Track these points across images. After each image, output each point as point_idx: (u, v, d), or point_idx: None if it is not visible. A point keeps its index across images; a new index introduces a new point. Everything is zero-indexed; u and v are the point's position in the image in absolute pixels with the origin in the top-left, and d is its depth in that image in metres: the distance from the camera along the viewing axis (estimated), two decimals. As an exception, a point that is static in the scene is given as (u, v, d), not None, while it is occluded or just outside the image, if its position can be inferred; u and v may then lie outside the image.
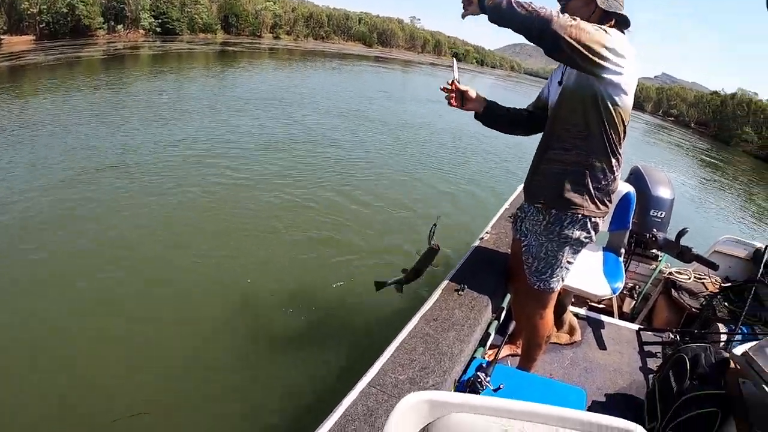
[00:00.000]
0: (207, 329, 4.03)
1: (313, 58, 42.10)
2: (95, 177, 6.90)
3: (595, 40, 1.70)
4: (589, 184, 1.98)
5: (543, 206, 2.08)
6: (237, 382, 3.53)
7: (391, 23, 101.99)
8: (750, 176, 27.28)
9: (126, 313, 4.10)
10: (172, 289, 4.52)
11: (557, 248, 2.10)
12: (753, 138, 48.93)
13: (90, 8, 43.01)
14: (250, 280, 4.76)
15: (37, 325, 3.87)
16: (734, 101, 58.45)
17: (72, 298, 4.25)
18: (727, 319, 3.23)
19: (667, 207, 3.51)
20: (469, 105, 2.22)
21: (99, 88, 14.28)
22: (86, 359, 3.58)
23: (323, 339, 4.04)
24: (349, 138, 11.59)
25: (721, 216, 13.35)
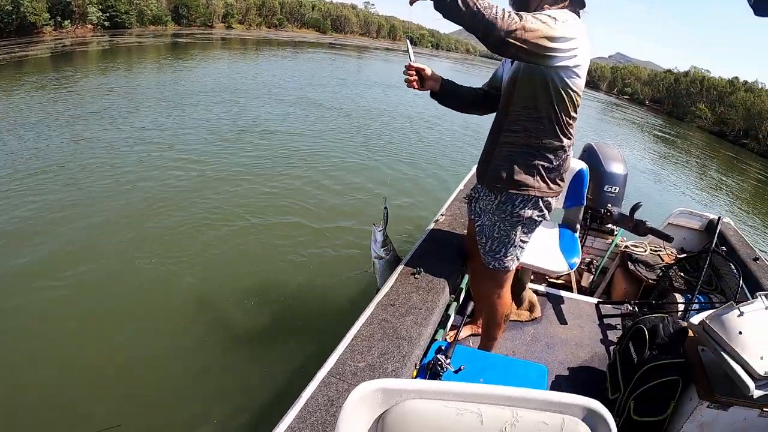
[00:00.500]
0: (160, 326, 3.97)
1: (267, 47, 41.35)
2: (40, 180, 6.64)
3: (541, 36, 1.65)
4: (540, 166, 1.99)
5: (495, 188, 2.08)
6: (194, 379, 3.47)
7: (345, 9, 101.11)
8: (703, 150, 28.15)
9: (72, 319, 3.98)
10: (123, 286, 4.43)
11: (510, 228, 2.10)
12: (706, 114, 49.98)
13: (35, 4, 41.59)
14: (202, 276, 4.69)
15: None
16: (687, 79, 59.51)
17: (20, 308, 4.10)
18: (684, 290, 3.31)
19: (620, 182, 3.56)
20: (427, 84, 2.18)
21: (45, 87, 13.71)
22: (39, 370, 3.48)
23: (280, 331, 4.00)
24: (304, 126, 11.45)
25: (676, 189, 13.73)
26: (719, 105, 49.84)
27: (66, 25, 45.54)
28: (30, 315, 4.00)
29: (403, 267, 2.45)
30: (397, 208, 6.86)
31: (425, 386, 1.08)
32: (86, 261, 4.75)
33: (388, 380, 1.10)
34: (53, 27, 44.06)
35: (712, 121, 48.71)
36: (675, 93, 59.85)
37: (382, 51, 61.36)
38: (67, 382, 3.37)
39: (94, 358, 3.58)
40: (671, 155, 21.56)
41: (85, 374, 3.44)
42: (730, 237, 3.68)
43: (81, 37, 41.40)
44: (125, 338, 3.79)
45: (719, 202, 13.72)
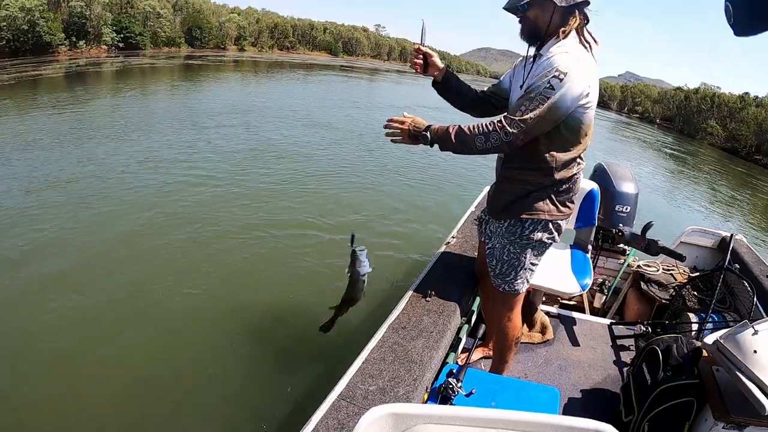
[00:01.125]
0: (169, 342, 3.98)
1: (279, 69, 41.84)
2: (53, 197, 6.72)
3: (546, 121, 1.79)
4: (549, 190, 2.00)
5: (505, 216, 2.10)
6: (202, 399, 3.47)
7: (356, 32, 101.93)
8: (715, 167, 27.98)
9: (85, 335, 3.99)
10: (137, 304, 4.44)
11: (519, 250, 2.10)
12: (718, 131, 49.51)
13: (51, 24, 42.32)
14: (213, 294, 4.69)
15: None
16: (698, 96, 58.97)
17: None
18: (698, 309, 3.26)
19: (631, 202, 3.56)
20: (430, 70, 2.23)
21: (57, 107, 13.92)
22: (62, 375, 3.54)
23: (290, 352, 3.98)
24: (316, 149, 11.50)
25: (688, 207, 13.64)
26: (730, 121, 49.37)
27: (81, 45, 46.29)
28: (48, 327, 4.05)
29: (414, 289, 2.45)
30: (408, 229, 6.87)
31: (436, 411, 1.08)
32: (100, 276, 4.81)
33: (398, 405, 1.10)
34: (68, 47, 44.79)
35: (724, 137, 48.20)
36: (686, 110, 59.35)
37: (393, 73, 61.78)
38: (71, 392, 3.42)
39: (101, 368, 3.63)
40: (683, 172, 21.49)
41: (88, 385, 3.48)
42: (744, 254, 3.64)
43: (95, 57, 42.06)
44: (132, 355, 3.79)
45: (732, 218, 13.62)
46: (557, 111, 1.77)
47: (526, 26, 1.95)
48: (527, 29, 1.95)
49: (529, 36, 1.96)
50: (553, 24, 1.87)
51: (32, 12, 40.69)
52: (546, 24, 1.88)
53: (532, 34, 1.95)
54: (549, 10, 1.86)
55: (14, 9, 39.53)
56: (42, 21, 41.17)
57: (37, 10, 41.06)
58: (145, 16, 54.59)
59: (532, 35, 1.95)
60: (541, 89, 1.75)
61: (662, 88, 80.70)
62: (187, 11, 62.84)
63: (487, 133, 1.80)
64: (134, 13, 53.63)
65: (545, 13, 1.87)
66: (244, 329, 4.23)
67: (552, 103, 1.75)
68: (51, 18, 42.61)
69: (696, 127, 54.04)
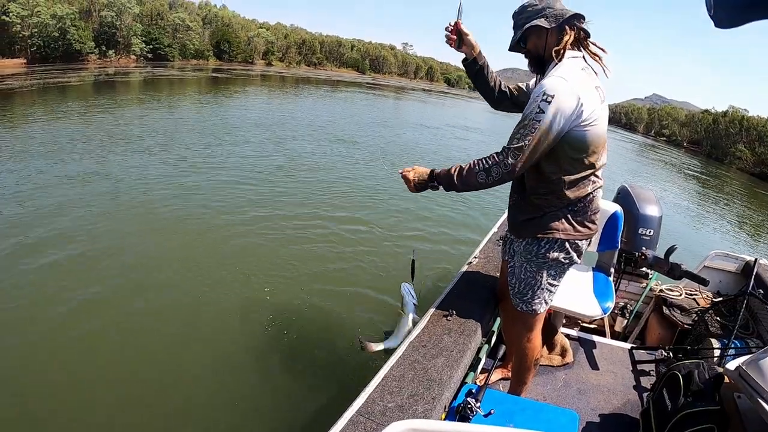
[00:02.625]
0: (188, 357, 4.02)
1: (305, 85, 42.32)
2: (78, 206, 6.89)
3: (542, 144, 1.83)
4: (564, 209, 2.02)
5: (522, 234, 2.13)
6: (223, 413, 3.48)
7: (384, 50, 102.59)
8: (741, 191, 27.42)
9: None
10: (156, 316, 4.51)
11: (536, 269, 2.12)
12: (746, 155, 48.56)
13: (82, 33, 43.24)
14: (234, 305, 4.75)
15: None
16: (726, 119, 58.20)
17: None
18: (720, 334, 3.21)
19: (655, 225, 3.53)
20: (464, 48, 2.26)
21: (86, 114, 14.32)
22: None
23: (311, 367, 4.00)
24: (345, 165, 11.59)
25: (713, 231, 13.48)
26: (759, 145, 48.39)
27: (110, 54, 47.25)
28: (70, 328, 4.18)
29: (435, 307, 2.46)
30: (431, 248, 6.90)
31: (454, 428, 1.09)
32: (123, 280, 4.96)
33: (417, 420, 1.11)
34: (98, 55, 45.74)
35: (753, 162, 47.17)
36: (714, 134, 58.41)
37: (419, 92, 61.96)
38: (81, 389, 3.54)
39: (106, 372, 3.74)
40: (709, 196, 21.14)
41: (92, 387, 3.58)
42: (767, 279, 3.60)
43: (124, 67, 42.81)
44: (146, 367, 3.84)
45: (759, 243, 13.36)
46: (550, 133, 1.81)
47: (531, 58, 2.04)
48: (533, 61, 2.04)
49: (536, 66, 2.05)
50: (550, 47, 1.94)
51: (63, 20, 41.65)
52: (544, 48, 1.96)
53: (538, 63, 2.03)
54: (543, 35, 1.94)
55: (46, 16, 40.50)
56: (73, 29, 42.12)
57: (69, 18, 42.03)
58: (175, 28, 55.58)
59: (538, 64, 2.03)
60: (532, 115, 1.80)
61: (689, 111, 79.71)
62: (216, 25, 63.80)
63: (488, 168, 1.88)
64: (164, 24, 54.64)
65: (540, 39, 1.96)
66: (264, 342, 4.26)
67: (544, 127, 1.79)
68: (82, 26, 43.59)
69: (724, 151, 53.09)
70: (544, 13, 1.91)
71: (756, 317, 3.28)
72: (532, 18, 1.92)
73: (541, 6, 1.92)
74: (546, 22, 1.90)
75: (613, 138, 49.34)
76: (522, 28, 1.94)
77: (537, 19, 1.91)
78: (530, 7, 1.94)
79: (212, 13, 66.00)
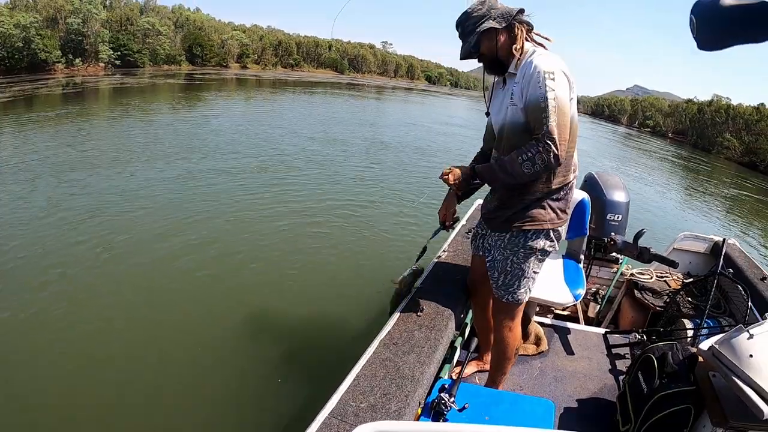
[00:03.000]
0: (156, 363, 3.99)
1: (282, 88, 41.85)
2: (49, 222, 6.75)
3: (566, 119, 1.85)
4: (549, 202, 2.05)
5: (507, 229, 2.14)
6: (193, 418, 3.47)
7: (363, 49, 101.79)
8: (730, 180, 27.40)
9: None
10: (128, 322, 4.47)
11: (523, 260, 2.14)
12: (734, 144, 48.21)
13: (47, 42, 42.35)
14: (206, 311, 4.73)
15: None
16: (711, 108, 58.16)
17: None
18: (692, 314, 3.27)
19: (623, 210, 3.58)
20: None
21: (56, 125, 14.04)
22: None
23: (280, 370, 3.98)
24: (324, 169, 11.48)
25: (683, 214, 13.76)
26: (746, 134, 48.11)
27: (77, 63, 46.39)
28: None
29: (405, 303, 2.45)
30: (398, 243, 6.96)
31: (425, 428, 1.09)
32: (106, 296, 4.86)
33: (386, 423, 1.10)
34: (65, 64, 44.88)
35: (741, 151, 46.86)
36: (699, 123, 58.23)
37: (400, 91, 61.82)
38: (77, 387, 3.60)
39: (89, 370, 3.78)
40: (697, 188, 21.26)
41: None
42: (736, 258, 3.66)
43: (93, 75, 41.95)
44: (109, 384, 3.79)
45: (730, 224, 13.63)
46: (566, 106, 1.84)
47: (486, 61, 2.05)
48: (488, 63, 2.05)
49: (492, 67, 2.06)
50: (504, 46, 1.97)
51: (28, 29, 40.79)
52: (498, 49, 1.98)
53: (494, 65, 2.04)
54: (493, 36, 1.96)
55: (9, 26, 39.61)
56: (38, 38, 41.25)
57: (33, 27, 41.16)
58: (145, 34, 54.73)
59: (493, 66, 2.05)
60: (545, 95, 1.81)
61: (672, 101, 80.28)
62: (189, 28, 62.92)
63: (531, 157, 1.85)
64: (133, 30, 53.77)
65: (492, 41, 1.97)
66: (235, 346, 4.26)
67: (562, 101, 1.82)
68: (47, 35, 42.69)
69: (711, 141, 52.73)
70: (490, 14, 1.94)
71: (727, 296, 3.34)
72: (480, 22, 1.94)
73: (485, 9, 1.94)
74: (496, 23, 1.93)
75: (596, 129, 49.52)
76: (474, 33, 1.95)
77: (486, 21, 1.93)
78: (475, 13, 1.95)
79: (184, 16, 65.12)
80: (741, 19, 1.06)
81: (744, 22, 1.06)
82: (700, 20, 1.13)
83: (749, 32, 1.07)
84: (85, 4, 47.53)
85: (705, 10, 1.12)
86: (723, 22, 1.09)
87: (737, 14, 1.06)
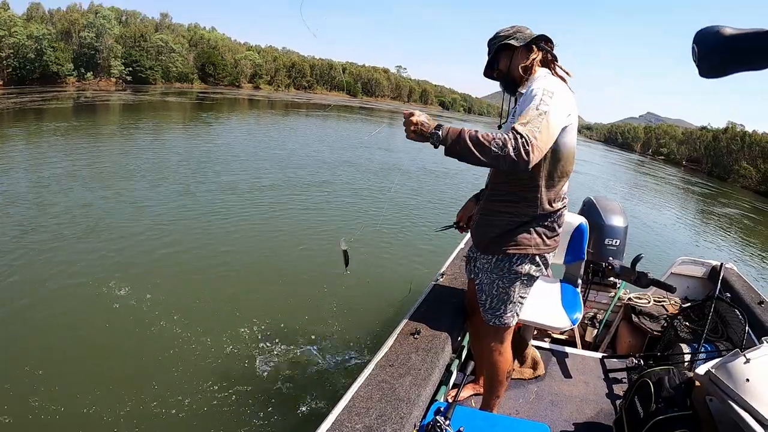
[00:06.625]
0: (155, 385, 3.98)
1: (295, 110, 42.02)
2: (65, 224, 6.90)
3: (549, 134, 1.80)
4: (533, 224, 2.08)
5: (491, 251, 2.16)
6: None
7: (377, 72, 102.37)
8: (746, 211, 27.08)
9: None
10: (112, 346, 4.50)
11: (508, 284, 2.16)
12: (751, 173, 47.96)
13: (60, 54, 42.78)
14: (208, 328, 4.76)
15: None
16: (727, 135, 57.83)
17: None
18: (690, 339, 3.27)
19: (621, 235, 3.61)
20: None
21: (64, 137, 14.25)
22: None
23: (278, 389, 3.98)
24: (339, 191, 11.67)
25: (680, 239, 13.73)
26: (763, 161, 47.56)
27: (89, 76, 46.85)
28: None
29: (402, 326, 2.48)
30: (397, 266, 7.01)
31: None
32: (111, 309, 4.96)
33: None
34: (76, 78, 45.33)
35: (758, 179, 46.30)
36: (714, 151, 57.64)
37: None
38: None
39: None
40: (705, 214, 21.08)
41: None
42: (734, 282, 3.66)
43: (104, 90, 42.18)
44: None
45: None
46: (554, 123, 1.82)
47: (503, 80, 2.16)
48: (505, 81, 2.16)
49: (508, 86, 2.17)
50: (517, 65, 2.08)
51: (40, 41, 41.24)
52: (513, 67, 2.10)
53: (509, 83, 2.15)
54: (511, 54, 2.10)
55: (22, 37, 40.07)
56: (50, 50, 41.69)
57: (46, 39, 41.62)
58: (158, 51, 55.24)
59: (509, 84, 2.15)
60: (537, 104, 1.81)
61: (686, 128, 79.67)
62: (202, 47, 63.44)
63: (505, 141, 1.71)
64: (146, 46, 54.29)
65: (509, 58, 2.11)
66: (231, 363, 4.28)
67: (551, 116, 1.80)
68: (60, 48, 43.16)
69: (726, 169, 52.20)
70: (515, 36, 2.07)
71: (724, 320, 3.34)
72: (504, 40, 2.08)
73: (512, 31, 2.09)
74: (515, 41, 2.06)
75: (609, 156, 48.94)
76: (494, 46, 2.11)
77: (507, 39, 2.07)
78: (502, 33, 2.11)
79: (198, 35, 65.74)
80: (741, 48, 1.10)
81: (744, 50, 1.10)
82: (702, 49, 1.17)
83: (750, 60, 1.11)
84: (99, 19, 48.08)
85: (706, 39, 1.16)
86: (724, 51, 1.12)
87: (738, 43, 1.10)
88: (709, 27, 1.17)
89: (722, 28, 1.12)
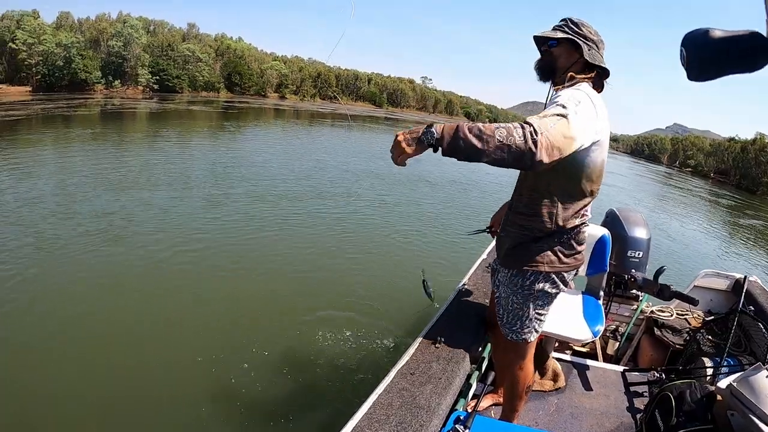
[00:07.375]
0: (180, 393, 4.04)
1: (320, 120, 42.25)
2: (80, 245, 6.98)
3: (562, 138, 1.61)
4: (552, 245, 2.01)
5: (507, 263, 2.13)
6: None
7: (402, 83, 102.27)
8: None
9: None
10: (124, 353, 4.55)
11: (522, 301, 2.11)
12: None
13: (88, 62, 43.62)
14: (223, 339, 4.80)
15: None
16: (755, 147, 56.61)
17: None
18: (712, 353, 3.24)
19: (644, 247, 3.58)
20: None
21: (92, 143, 14.47)
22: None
23: (298, 395, 4.02)
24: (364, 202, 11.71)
25: (704, 251, 13.50)
26: None
27: (116, 84, 47.73)
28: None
29: (424, 335, 2.49)
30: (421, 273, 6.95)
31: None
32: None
33: None
34: (104, 85, 46.20)
35: None
36: (743, 163, 56.48)
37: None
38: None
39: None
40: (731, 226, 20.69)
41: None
42: (758, 296, 3.59)
43: (131, 98, 42.82)
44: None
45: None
46: (576, 128, 1.66)
47: (545, 60, 2.06)
48: (545, 63, 2.06)
49: (542, 70, 2.07)
50: (566, 67, 1.99)
51: (69, 49, 42.13)
52: (565, 67, 1.99)
53: (546, 70, 2.05)
54: (573, 57, 1.99)
55: (51, 44, 40.98)
56: (78, 58, 42.57)
57: (74, 47, 42.51)
58: (185, 60, 56.08)
59: (545, 70, 2.06)
60: (561, 105, 1.70)
61: (713, 140, 78.31)
62: (229, 57, 64.26)
63: (512, 131, 1.54)
64: (174, 56, 55.15)
65: (568, 58, 2.00)
66: (250, 371, 4.31)
67: (573, 121, 1.65)
68: (89, 56, 44.04)
69: (755, 181, 51.09)
70: (591, 46, 1.97)
71: (748, 334, 3.30)
72: (582, 38, 1.97)
73: (594, 40, 1.98)
74: (588, 53, 1.95)
75: (635, 168, 48.08)
76: (571, 34, 1.97)
77: (585, 43, 1.96)
78: (587, 29, 1.99)
79: (225, 45, 66.62)
80: (730, 50, 1.11)
81: (734, 52, 1.11)
82: (690, 52, 1.18)
83: (740, 62, 1.12)
84: (127, 28, 49.01)
85: (695, 42, 1.17)
86: (712, 54, 1.14)
87: (727, 45, 1.11)
88: (697, 30, 1.18)
89: (711, 30, 1.13)
